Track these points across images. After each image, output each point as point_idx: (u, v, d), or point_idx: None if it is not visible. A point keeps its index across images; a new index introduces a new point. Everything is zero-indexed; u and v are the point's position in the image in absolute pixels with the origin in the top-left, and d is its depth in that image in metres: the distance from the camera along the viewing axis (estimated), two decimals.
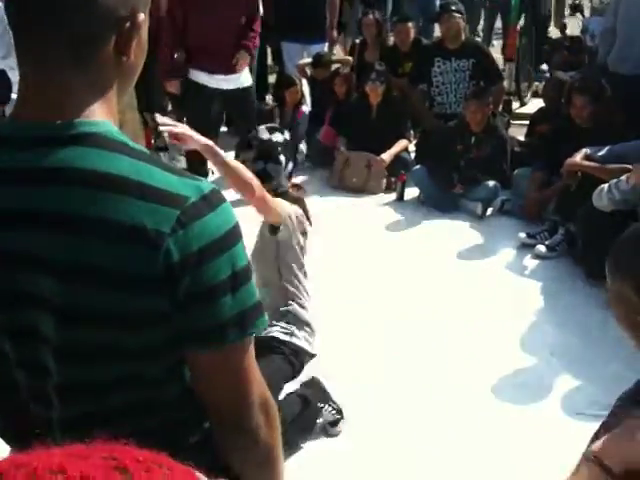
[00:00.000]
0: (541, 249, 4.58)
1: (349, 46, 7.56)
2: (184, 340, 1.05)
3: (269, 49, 7.81)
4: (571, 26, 8.67)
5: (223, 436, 1.13)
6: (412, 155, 6.16)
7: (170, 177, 1.02)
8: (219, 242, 1.02)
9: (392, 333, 3.67)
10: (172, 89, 5.37)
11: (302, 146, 6.34)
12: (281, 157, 2.90)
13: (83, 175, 0.99)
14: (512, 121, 6.71)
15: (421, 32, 7.23)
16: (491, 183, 5.25)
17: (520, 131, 6.35)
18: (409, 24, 6.65)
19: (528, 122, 6.20)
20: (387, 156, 5.82)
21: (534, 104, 7.15)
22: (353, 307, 3.90)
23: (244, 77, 5.38)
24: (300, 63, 6.78)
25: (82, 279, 0.99)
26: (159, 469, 0.51)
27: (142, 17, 1.04)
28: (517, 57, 7.74)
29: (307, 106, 6.66)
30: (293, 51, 6.90)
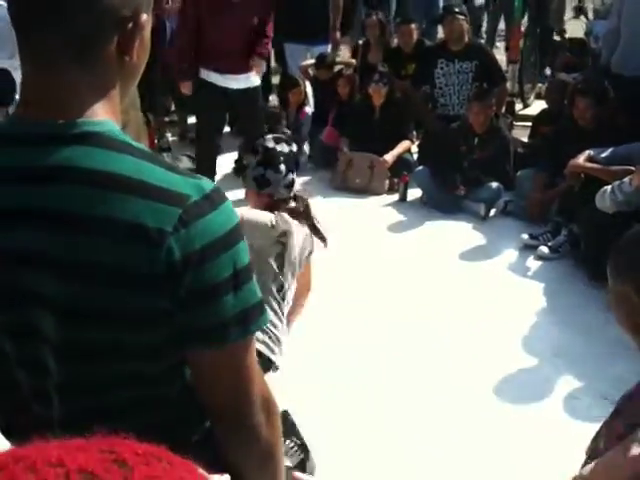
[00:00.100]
0: (544, 250, 4.58)
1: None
2: (186, 339, 1.05)
3: (272, 50, 7.81)
4: (575, 28, 8.65)
5: (224, 434, 1.13)
6: (415, 156, 6.16)
7: (172, 176, 1.02)
8: (221, 241, 1.02)
9: (394, 334, 3.67)
10: (185, 90, 5.36)
11: (305, 147, 6.34)
12: (282, 167, 2.93)
13: (85, 174, 0.99)
14: (515, 122, 6.70)
15: (424, 34, 7.21)
16: (494, 184, 5.24)
17: (523, 132, 6.35)
18: (412, 25, 6.64)
19: (531, 123, 6.21)
20: (390, 157, 5.82)
21: (537, 106, 7.15)
22: (355, 307, 3.90)
23: (253, 77, 5.39)
24: (303, 64, 6.78)
25: (83, 277, 0.99)
26: (158, 462, 0.51)
27: (145, 17, 1.05)
28: (521, 59, 7.73)
29: (310, 107, 6.66)
30: (296, 52, 6.90)
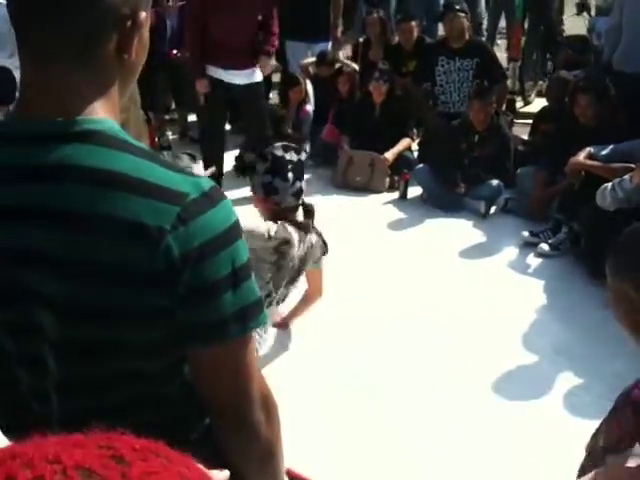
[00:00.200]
0: (544, 248, 4.58)
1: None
2: (185, 336, 1.05)
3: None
4: (578, 25, 8.61)
5: (224, 432, 1.13)
6: (415, 154, 6.16)
7: (171, 174, 1.02)
8: (220, 238, 1.02)
9: (395, 331, 3.67)
10: (201, 88, 5.36)
11: (305, 145, 6.34)
12: (290, 175, 3.03)
13: (86, 172, 0.99)
14: (516, 120, 6.69)
15: (425, 31, 7.20)
16: (494, 182, 5.24)
17: (524, 130, 6.34)
18: (413, 23, 6.63)
19: (532, 121, 6.20)
20: (390, 155, 5.81)
21: (538, 103, 7.14)
22: (355, 305, 3.90)
23: (256, 72, 5.40)
24: (304, 62, 6.77)
25: (83, 276, 1.00)
26: (156, 458, 0.51)
27: (144, 15, 1.05)
28: (522, 56, 7.71)
29: (311, 105, 6.65)
30: (297, 50, 6.89)
